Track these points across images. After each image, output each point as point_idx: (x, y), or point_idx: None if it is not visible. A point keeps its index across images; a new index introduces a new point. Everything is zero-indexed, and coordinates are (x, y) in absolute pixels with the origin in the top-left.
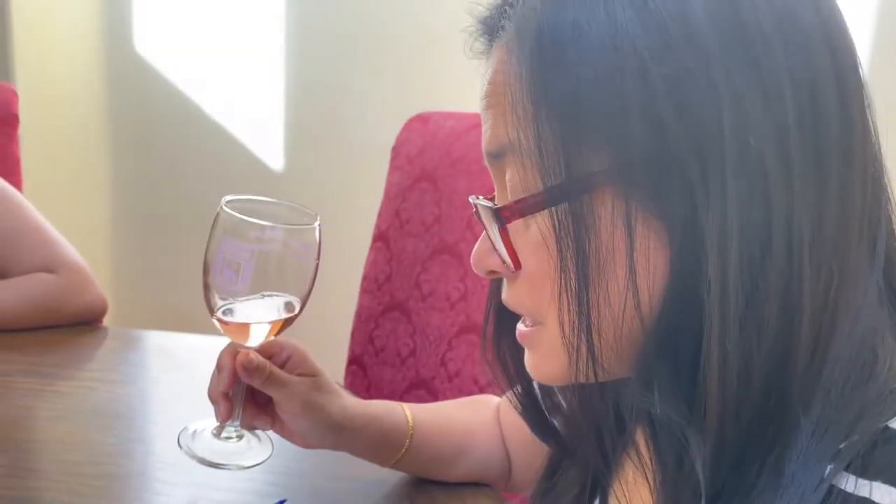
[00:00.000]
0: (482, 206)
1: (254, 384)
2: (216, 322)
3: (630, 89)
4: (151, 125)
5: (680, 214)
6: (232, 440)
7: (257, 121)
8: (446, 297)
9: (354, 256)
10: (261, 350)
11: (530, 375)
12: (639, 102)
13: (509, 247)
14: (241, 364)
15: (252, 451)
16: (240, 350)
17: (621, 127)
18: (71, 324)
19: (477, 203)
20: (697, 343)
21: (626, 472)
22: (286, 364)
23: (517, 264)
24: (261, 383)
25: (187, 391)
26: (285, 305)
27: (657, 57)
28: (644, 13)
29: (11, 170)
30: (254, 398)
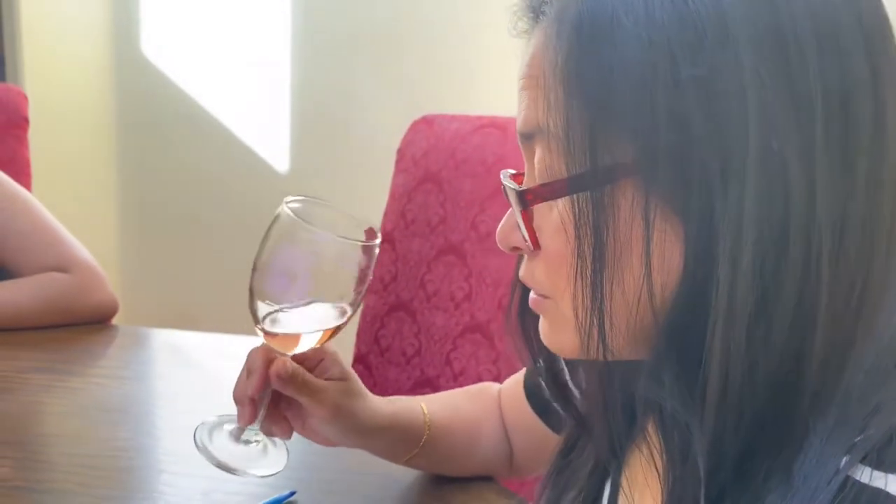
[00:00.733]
0: (508, 187)
1: (286, 392)
2: (259, 332)
3: (660, 86)
4: (159, 127)
5: (697, 213)
6: (251, 444)
7: (263, 123)
8: (451, 297)
9: None
10: (294, 356)
11: (544, 343)
12: (667, 100)
13: (530, 228)
14: (277, 373)
15: (268, 459)
16: (274, 355)
17: (648, 122)
18: (83, 322)
19: (505, 183)
20: (704, 340)
21: (638, 457)
22: (317, 368)
23: (536, 245)
24: (294, 391)
25: (195, 387)
26: (333, 315)
27: (690, 56)
28: (683, 11)
29: (21, 171)
30: (276, 404)
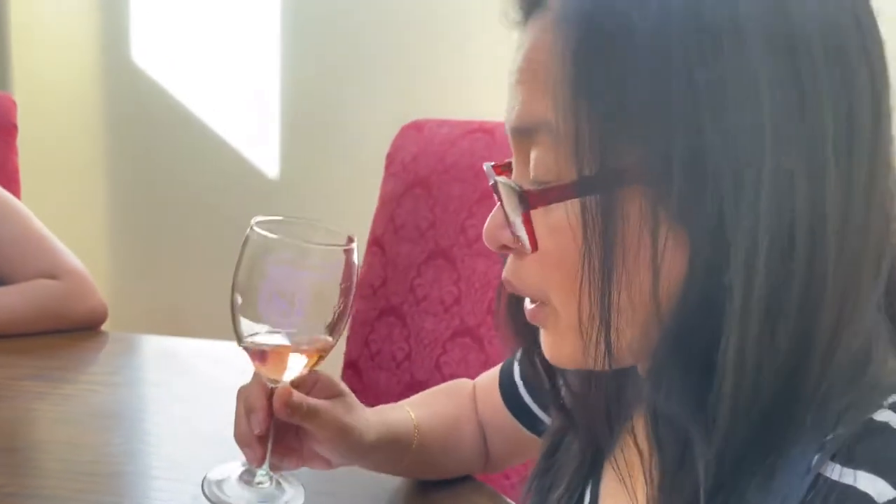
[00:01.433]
0: (504, 185)
1: (293, 421)
2: (248, 356)
3: (674, 91)
4: (149, 133)
5: (706, 221)
6: (264, 485)
7: (253, 129)
8: (440, 301)
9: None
10: (290, 382)
11: (546, 356)
12: (680, 104)
13: (530, 230)
14: (284, 403)
15: (288, 494)
16: (271, 388)
17: (661, 127)
18: (73, 329)
19: (498, 180)
20: (709, 346)
21: (625, 450)
22: (314, 389)
23: (535, 247)
24: (300, 419)
25: (187, 393)
26: (322, 333)
27: (705, 62)
28: (697, 14)
29: (10, 178)
30: (280, 437)
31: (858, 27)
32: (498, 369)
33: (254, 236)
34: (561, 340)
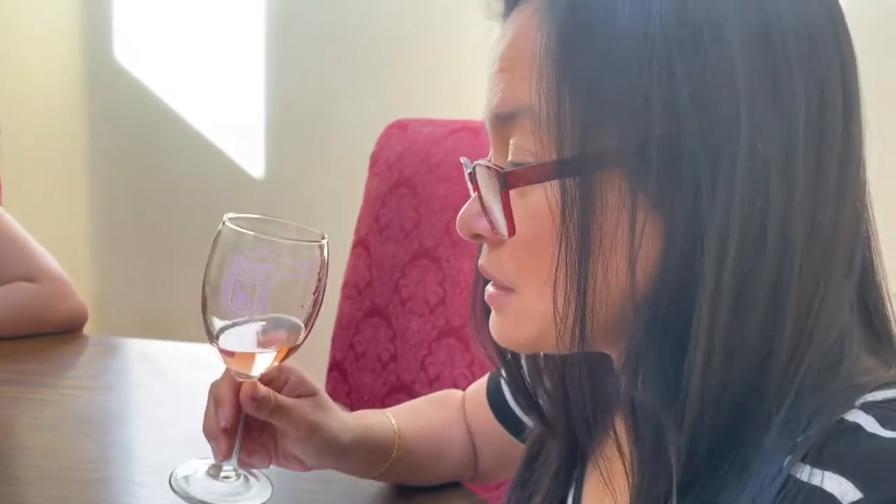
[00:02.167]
0: (482, 168)
1: (260, 416)
2: (217, 351)
3: (655, 80)
4: (132, 133)
5: (683, 207)
6: (230, 479)
7: (237, 128)
8: (426, 302)
9: (334, 262)
10: (261, 377)
11: (494, 338)
12: (661, 94)
13: (508, 212)
14: (249, 397)
15: (252, 491)
16: (240, 381)
17: (641, 114)
18: (52, 332)
19: (477, 165)
20: (683, 335)
21: (606, 452)
22: (285, 387)
23: (512, 230)
24: (268, 413)
25: (167, 397)
26: (290, 328)
27: (685, 54)
28: (679, 5)
29: None
30: (249, 433)
31: (832, 23)
32: (485, 379)
33: (225, 231)
34: (522, 325)
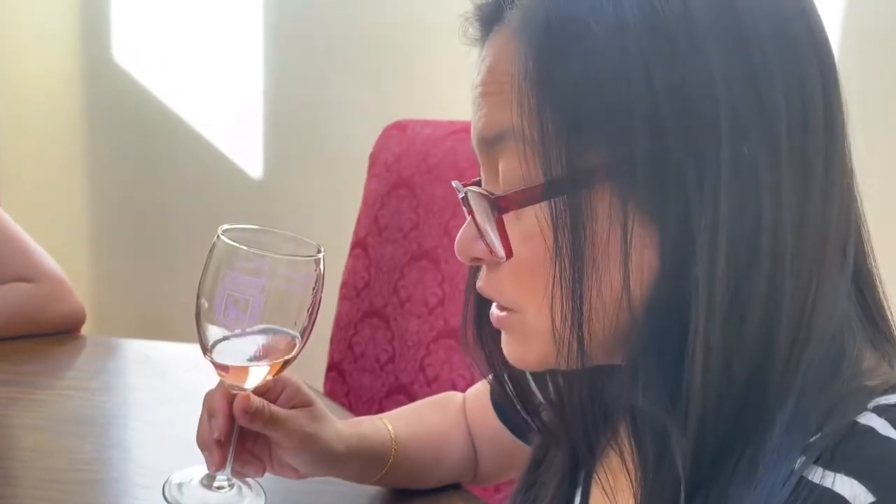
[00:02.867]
0: (474, 194)
1: (253, 427)
2: (211, 364)
3: (634, 93)
4: (130, 133)
5: (673, 215)
6: (224, 490)
7: (236, 129)
8: (424, 303)
9: (333, 263)
10: (255, 389)
11: (509, 360)
12: (642, 106)
13: (504, 236)
14: (243, 409)
15: (247, 500)
16: (234, 392)
17: (623, 127)
18: (49, 332)
19: (469, 190)
20: (683, 340)
21: (609, 463)
22: (280, 397)
23: (509, 253)
24: (261, 425)
25: (164, 398)
26: (286, 342)
27: (662, 64)
28: (652, 17)
29: None
30: (243, 443)
31: (804, 19)
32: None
33: (219, 245)
34: (528, 345)
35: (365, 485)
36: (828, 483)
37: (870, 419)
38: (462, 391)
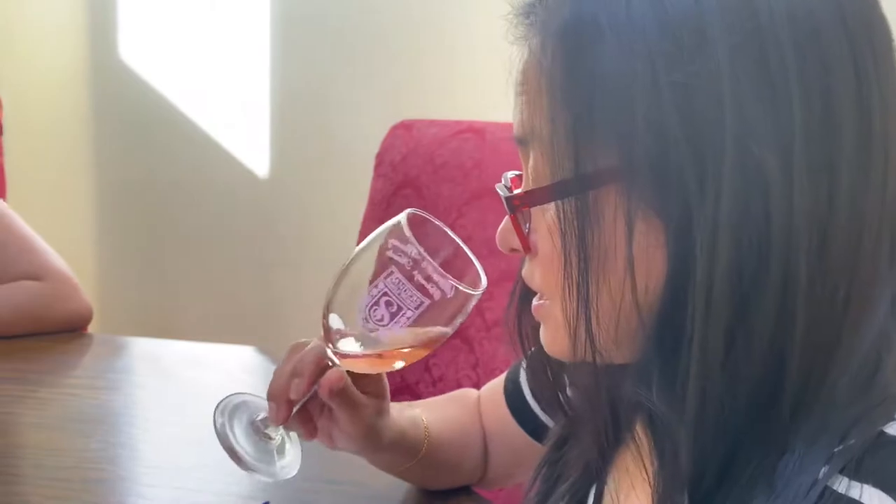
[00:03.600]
0: (500, 192)
1: (330, 403)
2: (330, 351)
3: (639, 93)
4: (137, 132)
5: (676, 217)
6: (271, 441)
7: (243, 128)
8: None
9: (339, 263)
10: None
11: (544, 349)
12: (645, 107)
13: (519, 232)
14: (331, 386)
15: (282, 461)
16: (326, 363)
17: (627, 129)
18: (56, 331)
19: (497, 187)
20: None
21: (626, 460)
22: (361, 381)
23: (527, 248)
24: (337, 403)
25: (170, 397)
26: (410, 344)
27: (669, 63)
28: (662, 18)
29: None
30: (307, 404)
31: (843, 24)
32: (502, 378)
33: (409, 245)
34: (554, 335)
35: (373, 482)
36: (854, 494)
37: None
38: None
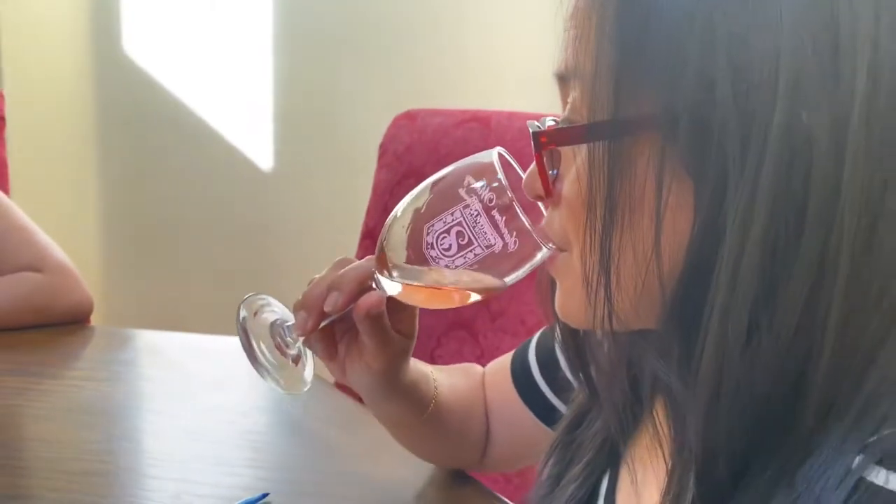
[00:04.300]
0: (529, 128)
1: (361, 327)
2: (381, 277)
3: (692, 40)
4: (140, 125)
5: (711, 180)
6: (287, 350)
7: (246, 120)
8: None
9: (343, 253)
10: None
11: (557, 313)
12: (697, 55)
13: (542, 172)
14: (368, 310)
15: (292, 375)
16: (369, 285)
17: (675, 76)
18: (57, 323)
19: (528, 124)
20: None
21: (643, 443)
22: (395, 315)
23: (549, 192)
24: (368, 328)
25: (172, 388)
26: (460, 287)
27: (729, 12)
28: None
29: None
30: (335, 323)
31: None
32: (509, 358)
33: (495, 167)
34: (570, 295)
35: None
36: (894, 486)
37: None
38: None
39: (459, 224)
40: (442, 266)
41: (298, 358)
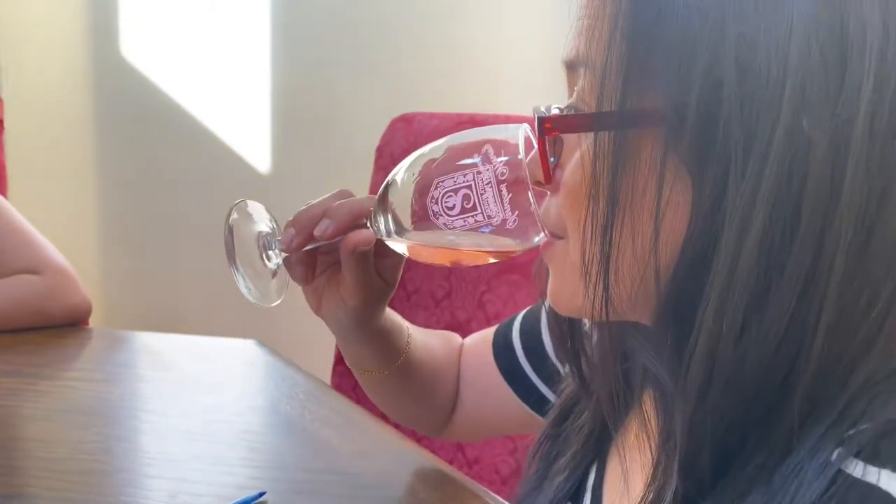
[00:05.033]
0: (534, 112)
1: (346, 260)
2: (382, 221)
3: (703, 39)
4: (138, 128)
5: (711, 176)
6: (268, 262)
7: (243, 123)
8: (431, 296)
9: None
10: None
11: (549, 302)
12: (706, 54)
13: (544, 159)
14: (357, 245)
15: (268, 287)
16: (363, 222)
17: (684, 73)
18: (55, 325)
19: (533, 108)
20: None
21: (630, 435)
22: (381, 259)
23: (548, 178)
24: (353, 264)
25: (167, 389)
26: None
27: (740, 14)
28: None
29: None
30: (317, 251)
31: None
32: (491, 333)
33: (518, 144)
34: (564, 283)
35: (368, 474)
36: (872, 479)
37: None
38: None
39: (469, 187)
40: (440, 223)
41: (275, 274)
